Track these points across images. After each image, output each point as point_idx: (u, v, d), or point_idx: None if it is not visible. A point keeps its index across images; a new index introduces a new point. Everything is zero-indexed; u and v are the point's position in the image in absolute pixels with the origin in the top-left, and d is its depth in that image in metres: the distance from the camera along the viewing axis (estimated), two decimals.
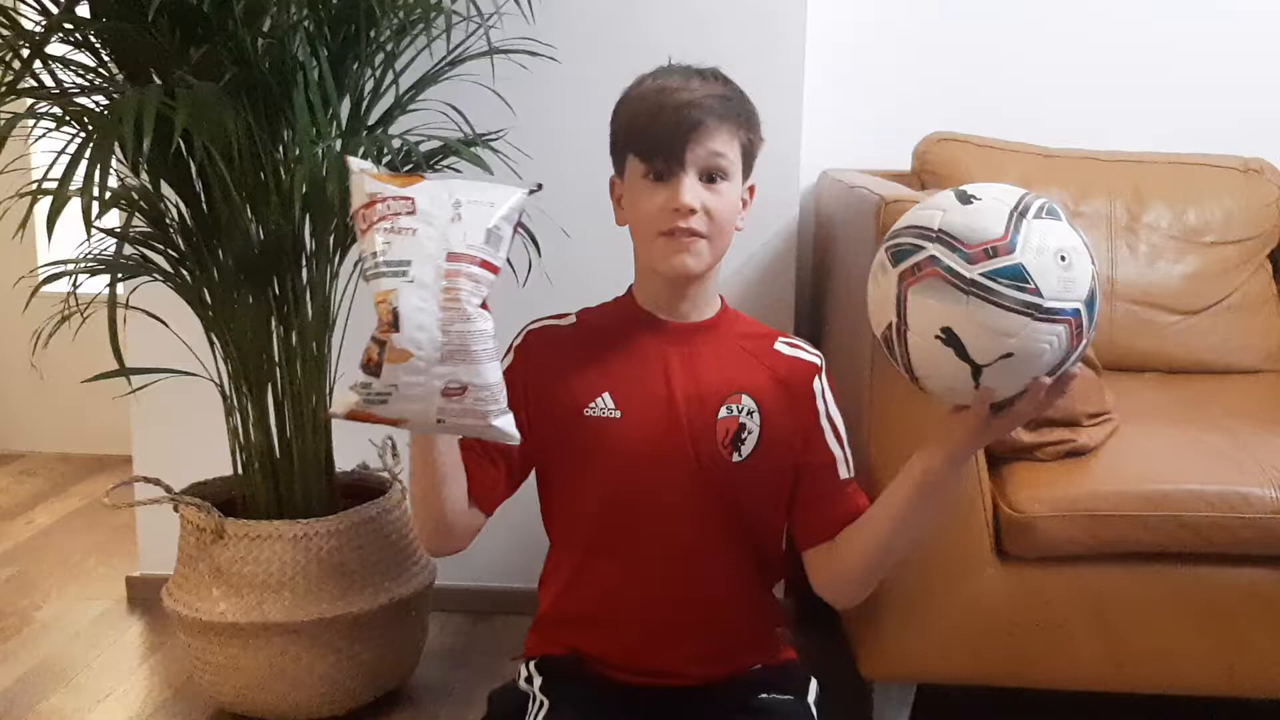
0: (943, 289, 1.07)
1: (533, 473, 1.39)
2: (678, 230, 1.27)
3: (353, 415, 1.15)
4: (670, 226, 1.27)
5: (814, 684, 1.42)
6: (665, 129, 1.26)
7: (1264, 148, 2.30)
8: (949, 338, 1.08)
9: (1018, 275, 1.05)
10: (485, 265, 1.15)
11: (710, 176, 1.28)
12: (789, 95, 2.17)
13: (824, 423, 1.36)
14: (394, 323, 1.12)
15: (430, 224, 1.15)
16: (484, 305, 1.15)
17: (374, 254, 1.15)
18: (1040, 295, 1.05)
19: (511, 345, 1.39)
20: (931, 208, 1.12)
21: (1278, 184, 2.26)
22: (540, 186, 1.23)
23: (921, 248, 1.09)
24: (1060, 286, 1.06)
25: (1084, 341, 1.09)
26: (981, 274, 1.06)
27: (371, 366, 1.13)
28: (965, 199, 1.11)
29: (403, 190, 1.16)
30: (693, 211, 1.26)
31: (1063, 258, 1.06)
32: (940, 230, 1.09)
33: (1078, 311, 1.07)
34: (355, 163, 1.20)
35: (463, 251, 1.14)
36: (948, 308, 1.07)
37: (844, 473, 1.35)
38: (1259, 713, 1.89)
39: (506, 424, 1.18)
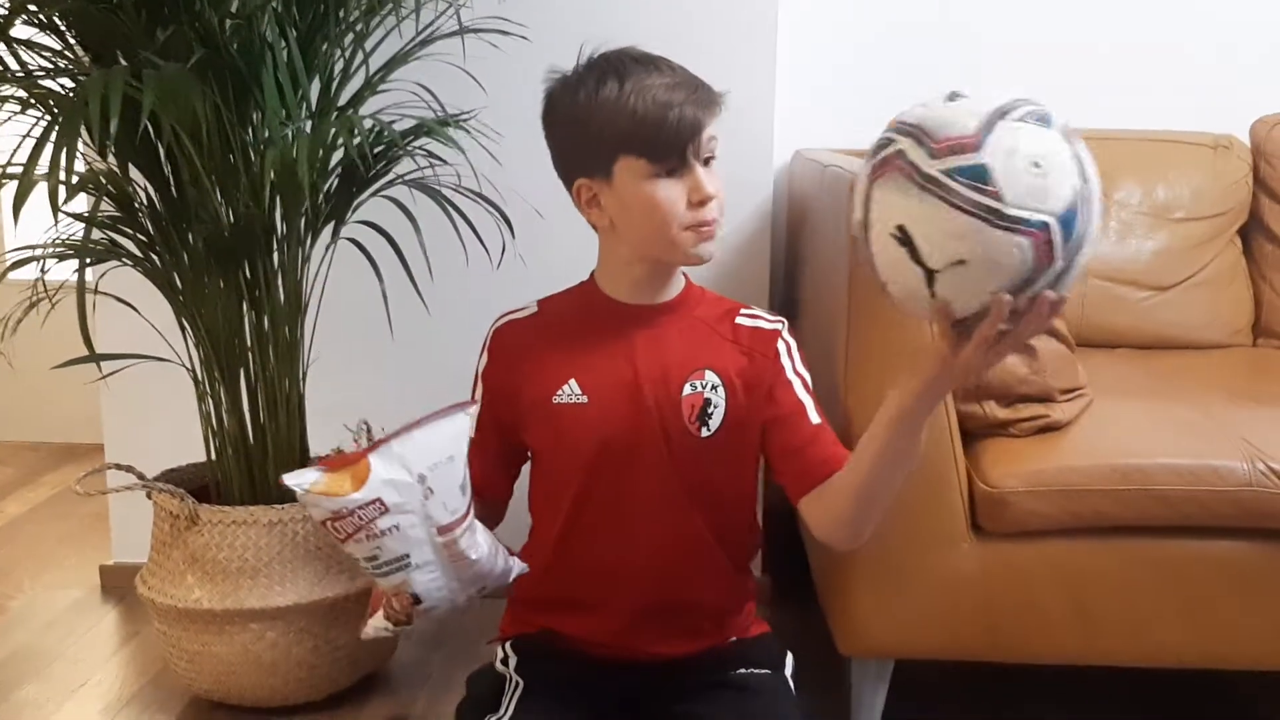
0: (902, 184, 1.01)
1: None
2: (704, 222, 1.30)
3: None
4: (699, 219, 1.29)
5: (790, 658, 1.43)
6: (674, 132, 1.27)
7: (1233, 124, 2.31)
8: (903, 237, 1.01)
9: (978, 175, 0.97)
10: (469, 511, 1.21)
11: (707, 162, 1.30)
12: (762, 75, 2.16)
13: (791, 376, 1.36)
14: (415, 600, 1.21)
15: (408, 511, 1.17)
16: (466, 514, 1.21)
17: (370, 559, 1.19)
18: (1000, 200, 0.97)
19: (484, 346, 1.41)
20: (919, 104, 1.05)
21: (1247, 160, 2.28)
22: (476, 404, 1.31)
23: (893, 141, 1.03)
24: (1027, 194, 0.97)
25: (1057, 262, 0.99)
26: (941, 170, 0.99)
27: (402, 620, 1.24)
28: (952, 97, 1.04)
29: (364, 495, 1.15)
30: (713, 199, 1.29)
31: (1036, 164, 0.97)
32: (914, 124, 1.02)
33: (1046, 225, 0.97)
34: (292, 482, 1.16)
35: (448, 522, 1.18)
36: (904, 204, 1.01)
37: (814, 418, 1.35)
38: (1232, 684, 1.92)
39: (517, 569, 1.30)
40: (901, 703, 1.71)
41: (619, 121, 1.27)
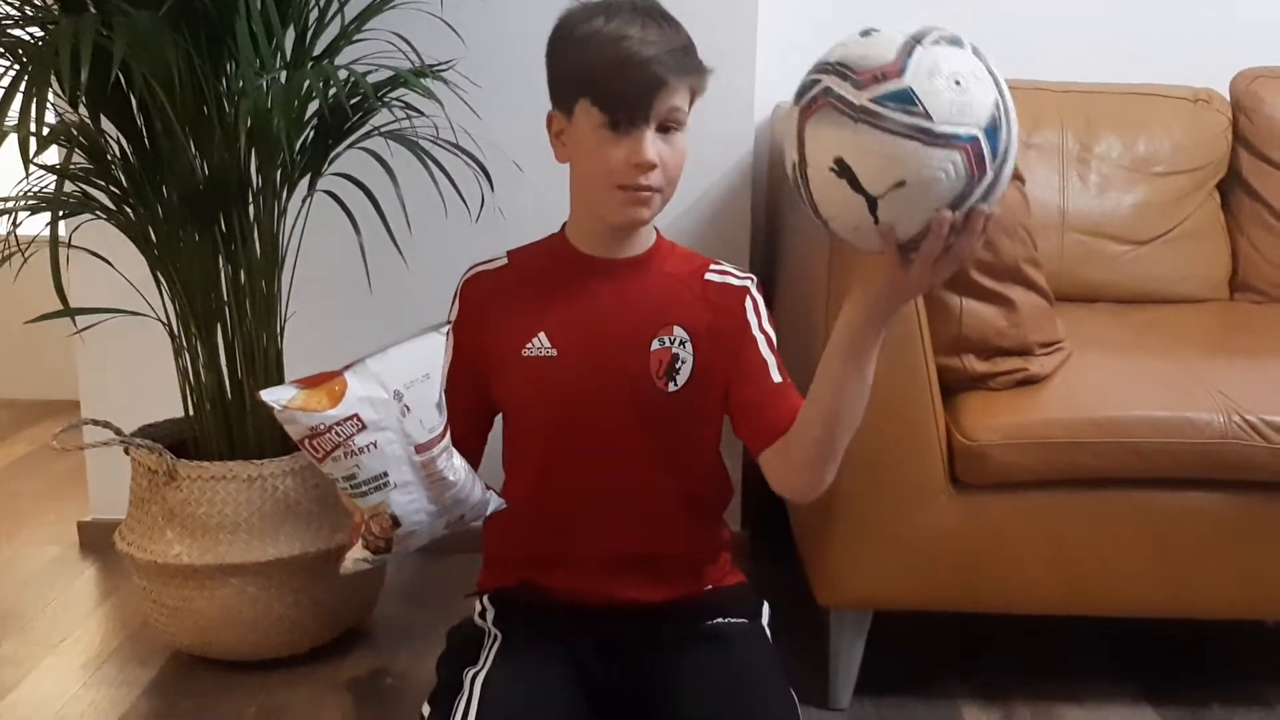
0: (834, 118, 1.03)
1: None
2: (638, 187, 1.27)
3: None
4: (631, 182, 1.27)
5: (766, 607, 1.44)
6: (630, 84, 1.24)
7: (1212, 78, 2.31)
8: (841, 169, 1.04)
9: (906, 99, 1.01)
10: (445, 430, 1.20)
11: (665, 128, 1.27)
12: (743, 30, 2.14)
13: (756, 333, 1.36)
14: (394, 523, 1.19)
15: (385, 429, 1.16)
16: (443, 434, 1.19)
17: (348, 478, 1.17)
18: (930, 119, 1.00)
19: (455, 296, 1.40)
20: (836, 43, 1.09)
21: (1226, 114, 2.28)
22: (450, 323, 1.28)
23: (819, 81, 1.06)
24: (953, 110, 1.01)
25: (987, 174, 1.03)
26: (870, 99, 1.02)
27: (381, 548, 1.22)
28: (866, 32, 1.07)
29: (341, 411, 1.14)
30: (653, 167, 1.26)
31: (957, 82, 1.02)
32: (836, 62, 1.05)
33: (975, 138, 1.01)
34: (269, 398, 1.15)
35: (426, 440, 1.18)
36: (839, 137, 1.03)
37: (776, 376, 1.34)
38: (1207, 635, 1.95)
39: (495, 503, 1.29)
40: (880, 653, 1.72)
41: (585, 62, 1.26)
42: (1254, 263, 2.24)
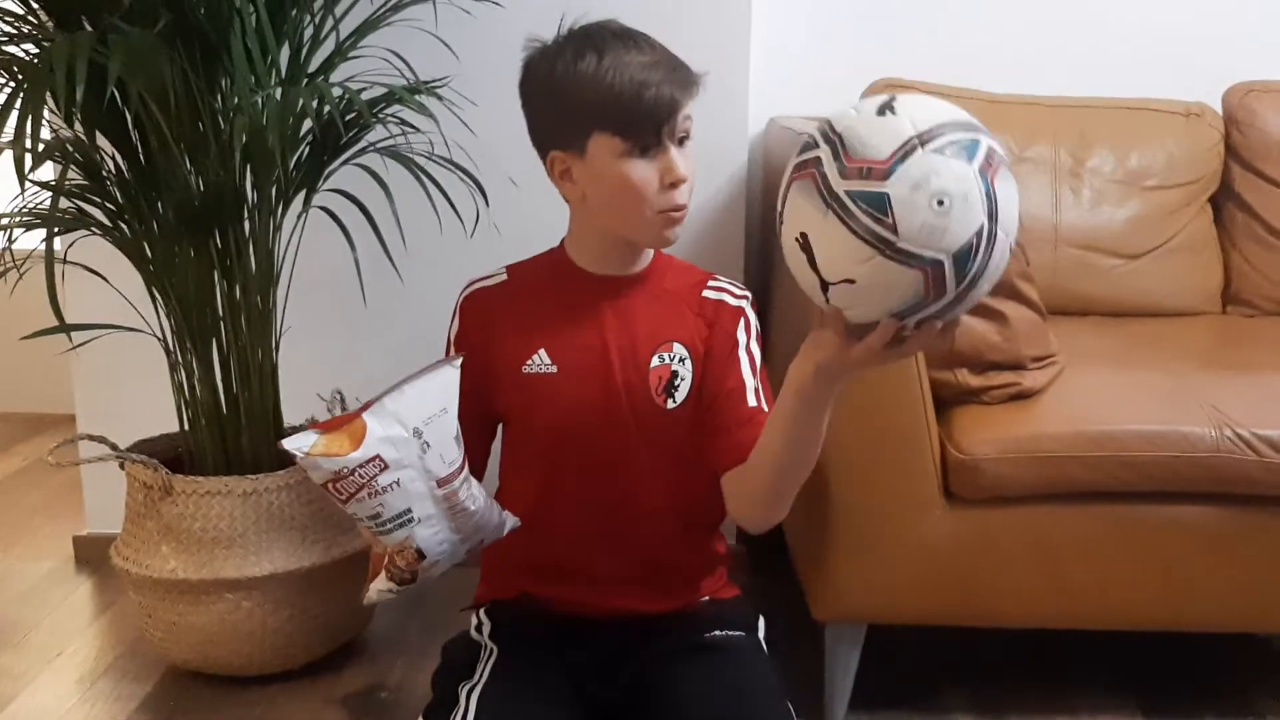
0: (811, 194, 1.01)
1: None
2: (675, 207, 1.29)
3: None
4: (670, 203, 1.29)
5: (761, 620, 1.45)
6: (651, 108, 1.25)
7: (1205, 92, 2.32)
8: (804, 244, 1.02)
9: (879, 205, 0.96)
10: (464, 461, 1.23)
11: (682, 142, 1.30)
12: (737, 43, 2.15)
13: (741, 353, 1.37)
14: (420, 556, 1.22)
15: (407, 466, 1.18)
16: (462, 465, 1.23)
17: (373, 517, 1.19)
18: (895, 233, 0.96)
19: (455, 313, 1.41)
20: (854, 107, 1.05)
21: (1218, 128, 2.29)
22: (462, 356, 1.28)
23: (816, 145, 1.03)
24: (923, 231, 0.96)
25: (946, 295, 0.99)
26: (846, 191, 0.98)
27: (406, 579, 1.25)
28: (883, 110, 1.02)
29: (363, 453, 1.16)
30: (685, 181, 1.29)
31: (940, 202, 0.96)
32: (839, 133, 1.01)
33: (939, 263, 0.97)
34: (291, 446, 1.17)
35: (447, 474, 1.20)
36: (808, 214, 1.01)
37: (751, 400, 1.34)
38: (1201, 648, 1.95)
39: (510, 522, 1.32)
40: (875, 666, 1.72)
41: (594, 97, 1.26)
42: (1246, 276, 2.25)
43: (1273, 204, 2.25)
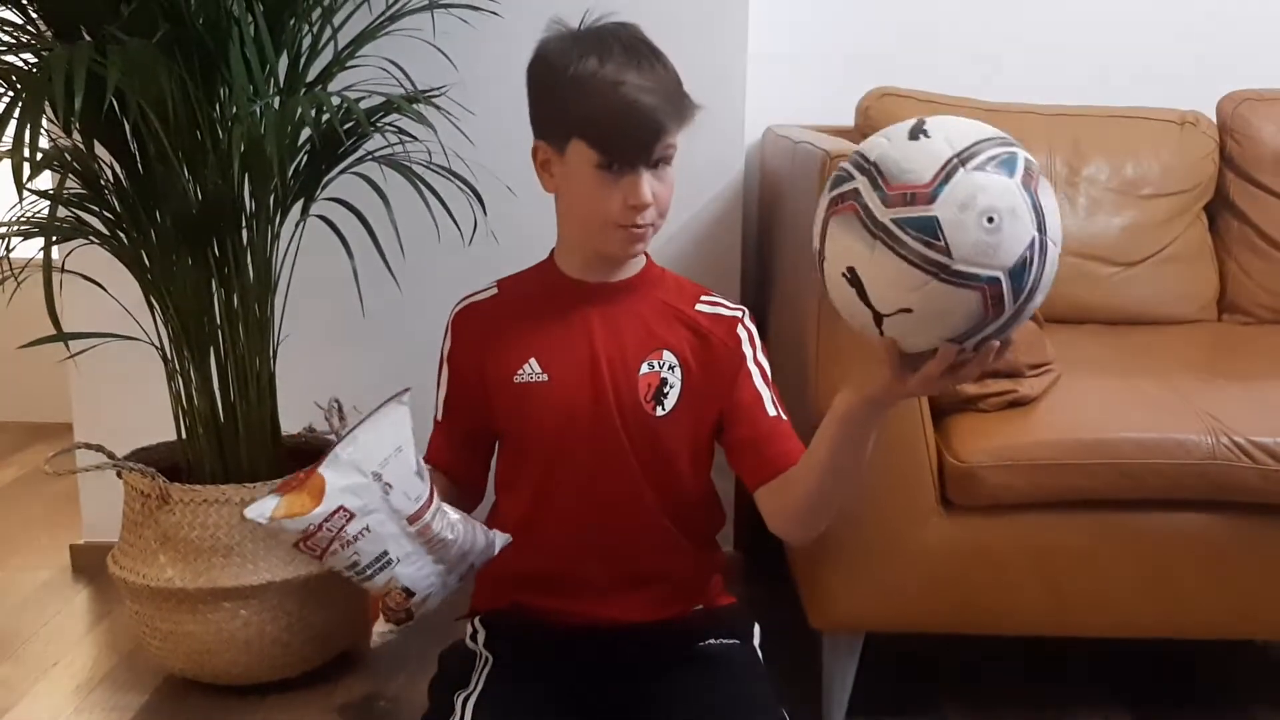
0: (855, 227, 1.00)
1: None
2: (634, 225, 1.29)
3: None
4: (630, 221, 1.28)
5: (757, 629, 1.45)
6: (632, 132, 1.25)
7: (1199, 101, 2.33)
8: (853, 278, 1.01)
9: (928, 229, 0.96)
10: (433, 493, 1.23)
11: (658, 164, 1.29)
12: (733, 52, 2.16)
13: (751, 365, 1.38)
14: (408, 594, 1.23)
15: (374, 511, 1.18)
16: (430, 498, 1.23)
17: (351, 566, 1.21)
18: (949, 255, 0.95)
19: (447, 330, 1.42)
20: (883, 135, 1.04)
21: (1213, 137, 2.29)
22: (408, 389, 1.26)
23: (851, 177, 1.02)
24: (976, 250, 0.95)
25: (1005, 313, 0.99)
26: (893, 219, 0.97)
27: (402, 618, 1.27)
28: (915, 134, 1.01)
29: (326, 507, 1.16)
30: (648, 207, 1.28)
31: (990, 219, 0.95)
32: (874, 162, 1.00)
33: (996, 280, 0.96)
34: (253, 515, 1.19)
35: (415, 510, 1.20)
36: (855, 248, 1.00)
37: (771, 410, 1.36)
38: (1197, 655, 1.95)
39: (500, 541, 1.31)
40: (872, 674, 1.72)
41: (583, 104, 1.26)
42: (1242, 284, 2.26)
43: (1267, 212, 2.25)
